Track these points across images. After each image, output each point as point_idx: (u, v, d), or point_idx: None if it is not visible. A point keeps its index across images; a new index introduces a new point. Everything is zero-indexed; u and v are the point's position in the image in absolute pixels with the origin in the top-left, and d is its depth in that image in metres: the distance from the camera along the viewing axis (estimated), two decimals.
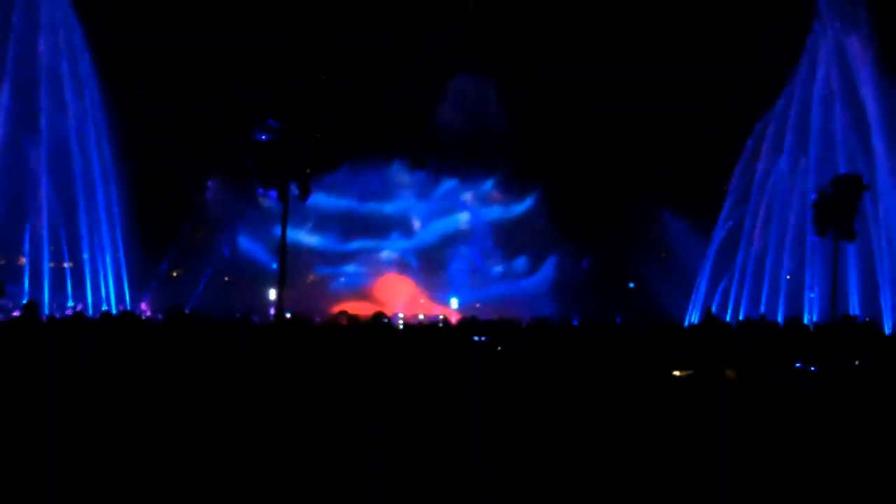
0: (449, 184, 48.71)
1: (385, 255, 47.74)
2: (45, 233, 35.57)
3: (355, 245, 47.39)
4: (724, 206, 41.80)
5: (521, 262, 48.65)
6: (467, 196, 49.01)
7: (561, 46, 47.55)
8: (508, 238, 48.61)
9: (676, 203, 44.36)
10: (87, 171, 36.26)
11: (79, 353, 10.94)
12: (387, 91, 48.42)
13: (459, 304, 45.07)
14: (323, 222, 46.37)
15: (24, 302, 14.80)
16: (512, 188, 48.59)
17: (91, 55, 35.57)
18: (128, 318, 13.69)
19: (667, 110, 45.58)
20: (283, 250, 32.29)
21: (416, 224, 48.76)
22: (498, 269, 48.56)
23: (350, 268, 47.24)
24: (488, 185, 49.09)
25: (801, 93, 39.48)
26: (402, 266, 47.68)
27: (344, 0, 47.79)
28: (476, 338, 17.24)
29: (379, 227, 47.76)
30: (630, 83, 45.51)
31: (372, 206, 47.70)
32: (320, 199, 40.53)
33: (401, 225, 48.53)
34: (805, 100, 39.34)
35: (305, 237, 45.10)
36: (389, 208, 48.17)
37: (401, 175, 48.68)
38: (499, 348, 15.33)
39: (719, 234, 41.59)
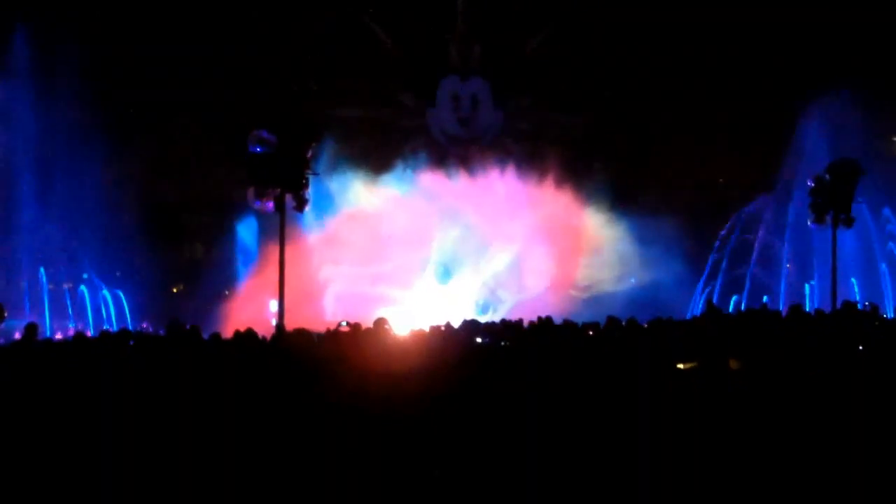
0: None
1: None
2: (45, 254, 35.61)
3: None
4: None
5: None
6: None
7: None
8: None
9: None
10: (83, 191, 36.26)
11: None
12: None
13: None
14: None
15: (25, 324, 14.74)
16: None
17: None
18: (124, 335, 13.65)
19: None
20: (282, 262, 32.11)
21: None
22: None
23: None
24: None
25: None
26: None
27: (335, 12, 47.83)
28: (479, 339, 17.54)
29: None
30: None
31: None
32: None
33: None
34: None
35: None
36: None
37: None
38: (503, 343, 15.72)
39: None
